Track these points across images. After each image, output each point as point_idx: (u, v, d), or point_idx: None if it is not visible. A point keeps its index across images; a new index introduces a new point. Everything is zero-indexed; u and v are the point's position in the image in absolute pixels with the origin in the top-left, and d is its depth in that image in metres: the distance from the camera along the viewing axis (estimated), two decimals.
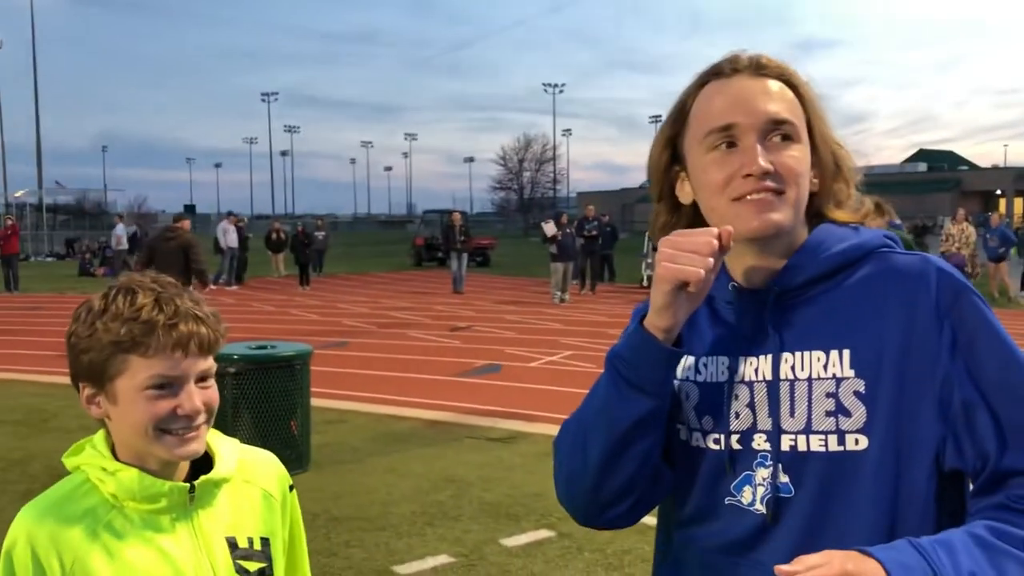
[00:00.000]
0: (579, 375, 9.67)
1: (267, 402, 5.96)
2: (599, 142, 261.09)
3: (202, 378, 1.32)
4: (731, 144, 1.21)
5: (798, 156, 1.20)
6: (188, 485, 1.34)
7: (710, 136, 1.22)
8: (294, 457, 5.93)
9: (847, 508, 1.15)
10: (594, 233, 19.25)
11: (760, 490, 1.20)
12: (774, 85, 1.23)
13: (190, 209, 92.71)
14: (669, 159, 1.30)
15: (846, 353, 1.17)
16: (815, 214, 1.27)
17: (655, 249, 1.19)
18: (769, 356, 1.21)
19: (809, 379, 1.18)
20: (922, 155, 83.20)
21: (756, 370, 1.22)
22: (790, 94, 1.23)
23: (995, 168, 74.95)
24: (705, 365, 1.27)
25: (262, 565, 1.40)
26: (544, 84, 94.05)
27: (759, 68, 1.24)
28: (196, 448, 1.32)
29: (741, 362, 1.24)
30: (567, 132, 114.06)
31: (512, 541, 4.87)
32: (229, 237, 22.24)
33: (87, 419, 1.38)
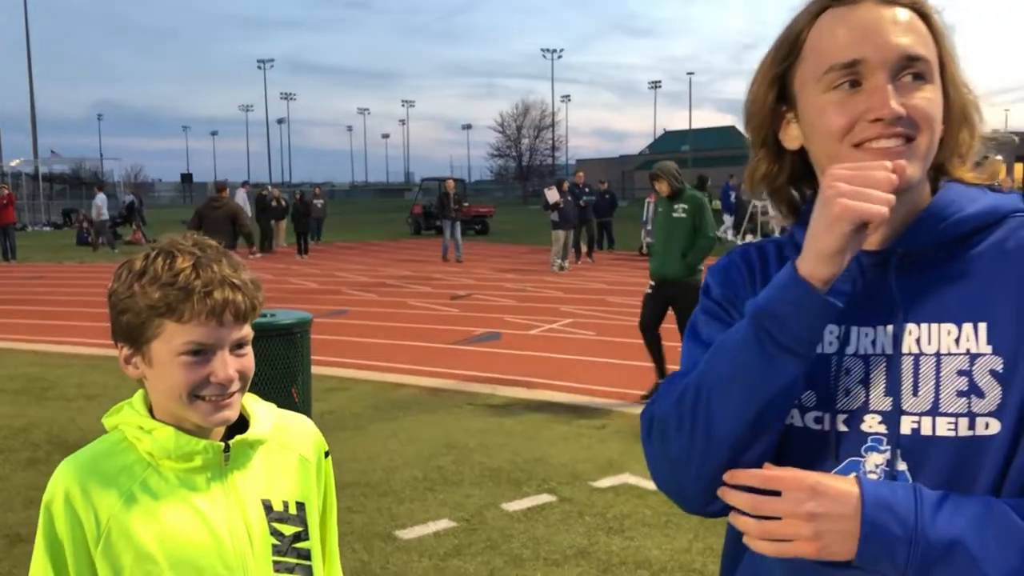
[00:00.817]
0: (579, 342, 9.69)
1: (268, 370, 5.95)
2: (598, 108, 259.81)
3: (238, 345, 1.32)
4: (855, 83, 1.06)
5: (932, 98, 1.06)
6: (223, 444, 1.34)
7: (831, 73, 1.06)
8: None
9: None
10: (583, 204, 19.05)
11: (872, 478, 1.05)
12: (904, 14, 1.07)
13: (187, 178, 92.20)
14: (775, 98, 1.15)
15: (982, 327, 1.04)
16: (936, 167, 1.12)
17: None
18: (890, 327, 1.07)
19: (938, 354, 1.04)
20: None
21: (873, 342, 1.08)
22: (923, 26, 1.07)
23: (995, 132, 74.60)
24: None
25: (298, 529, 1.40)
26: (543, 49, 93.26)
27: None
28: (229, 415, 1.32)
29: (854, 332, 1.09)
30: (566, 98, 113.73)
31: (513, 506, 4.91)
32: (247, 206, 22.46)
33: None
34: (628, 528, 4.57)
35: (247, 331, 1.33)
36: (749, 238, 20.25)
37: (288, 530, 1.39)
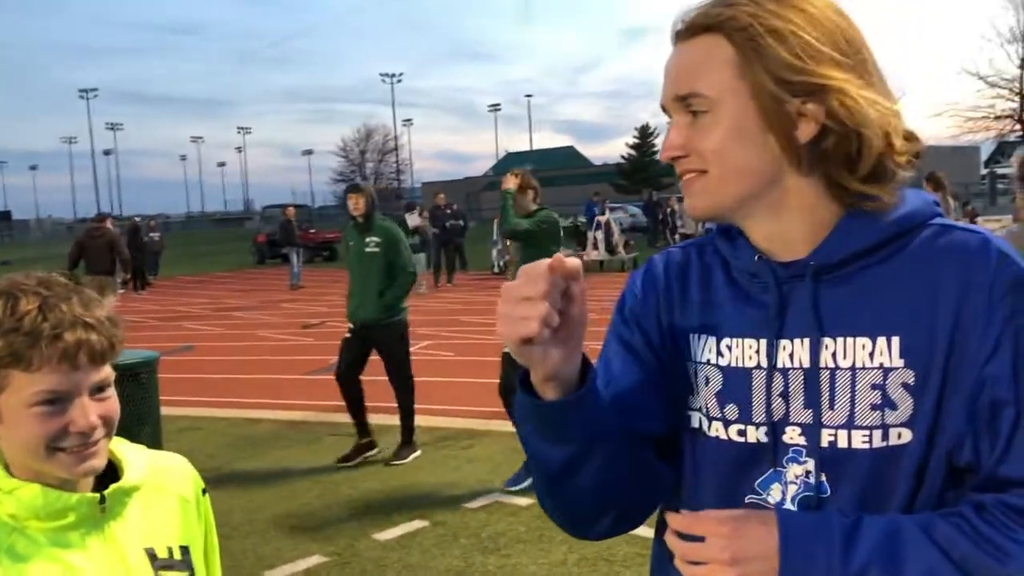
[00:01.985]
0: (438, 364, 9.63)
1: None
2: (441, 131, 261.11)
3: (98, 388, 1.20)
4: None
5: (709, 132, 1.06)
6: (98, 496, 1.22)
7: (664, 112, 1.13)
8: None
9: (885, 506, 1.04)
10: (456, 222, 18.98)
11: (792, 488, 1.07)
12: (698, 45, 1.07)
13: (5, 216, 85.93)
14: None
15: (895, 340, 1.03)
16: (828, 178, 1.06)
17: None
18: (807, 340, 1.06)
19: (853, 368, 1.04)
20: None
21: (791, 355, 1.07)
22: (720, 48, 1.05)
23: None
24: (728, 347, 1.12)
25: (184, 574, 1.31)
26: (382, 74, 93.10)
27: (688, 30, 1.09)
28: (96, 464, 1.21)
29: (774, 345, 1.08)
30: (408, 122, 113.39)
31: (385, 535, 4.80)
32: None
33: None
34: (504, 546, 4.56)
35: (107, 372, 1.21)
36: (595, 255, 20.83)
37: (176, 575, 1.30)
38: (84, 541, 1.22)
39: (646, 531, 1.27)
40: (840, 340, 1.06)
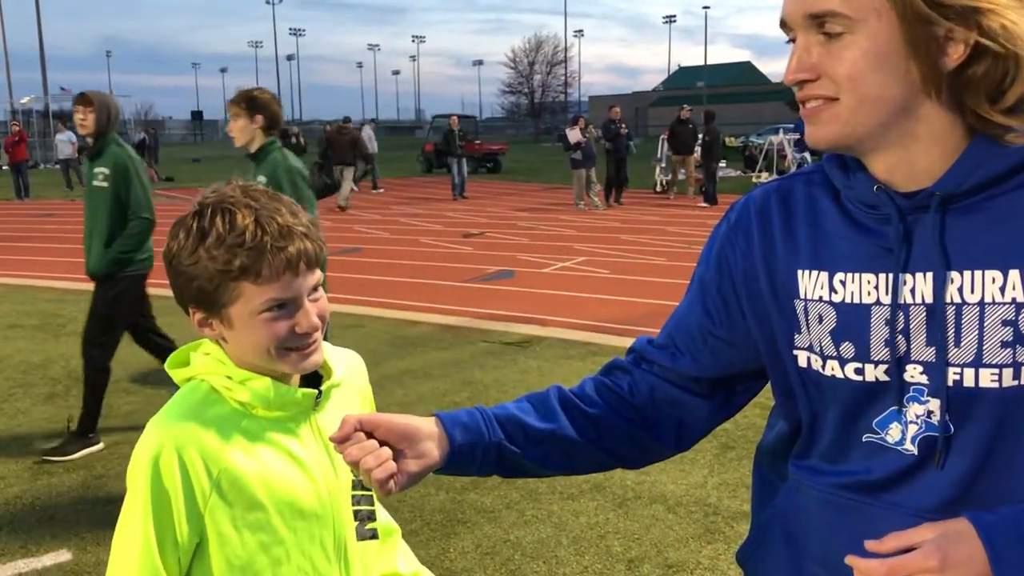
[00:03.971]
0: (592, 280, 9.66)
1: None
2: (611, 43, 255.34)
3: (314, 289, 1.30)
4: (795, 39, 1.05)
5: (849, 56, 0.99)
6: (316, 392, 1.34)
7: (783, 29, 1.07)
8: None
9: (1013, 452, 1.00)
10: (625, 131, 18.44)
11: (912, 428, 1.04)
12: None
13: (198, 115, 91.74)
14: None
15: None
16: (964, 104, 1.01)
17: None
18: (930, 275, 1.02)
19: (981, 303, 1.00)
20: None
21: (912, 290, 1.03)
22: None
23: None
24: (843, 283, 1.07)
25: None
26: None
27: None
28: (317, 359, 1.33)
29: (892, 280, 1.04)
30: (578, 33, 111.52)
31: None
32: (373, 144, 22.59)
33: None
34: (645, 470, 4.58)
35: (319, 275, 1.32)
36: (764, 176, 20.03)
37: None
38: (298, 431, 1.34)
39: None
40: (968, 274, 1.00)
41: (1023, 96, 0.98)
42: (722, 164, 19.55)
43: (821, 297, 1.09)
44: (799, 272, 1.11)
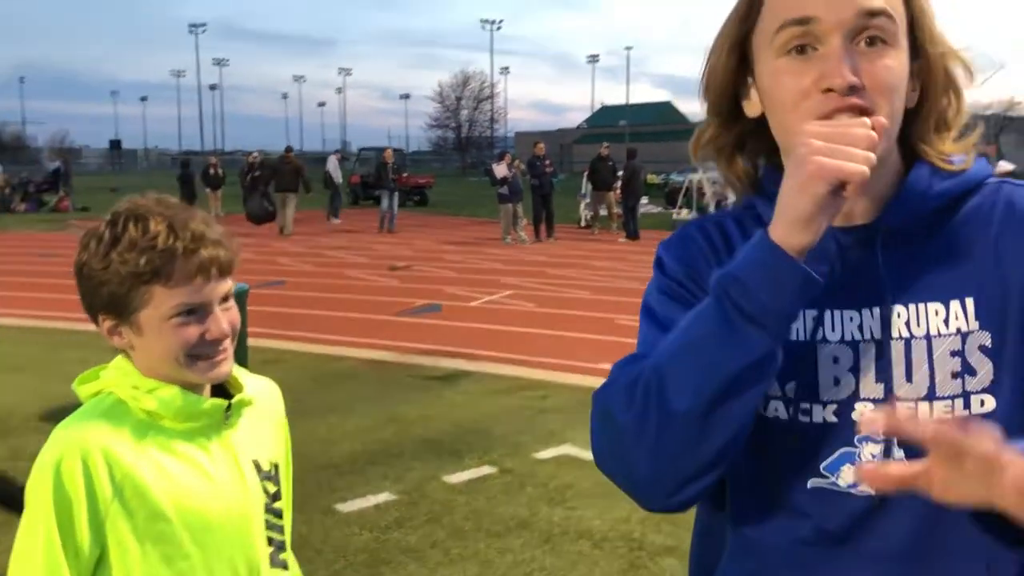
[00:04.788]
0: (519, 314, 9.70)
1: None
2: (537, 80, 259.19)
3: (225, 299, 1.32)
4: (808, 47, 0.96)
5: (893, 66, 0.95)
6: (226, 403, 1.34)
7: (783, 32, 0.97)
8: None
9: None
10: (550, 167, 18.58)
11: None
12: None
13: (116, 144, 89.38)
14: (736, 63, 1.04)
15: (969, 303, 0.98)
16: (908, 137, 1.03)
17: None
18: (876, 309, 0.99)
19: (927, 336, 0.98)
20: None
21: (860, 326, 1.00)
22: None
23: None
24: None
25: (276, 489, 1.43)
26: (482, 20, 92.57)
27: None
28: (226, 370, 1.34)
29: (837, 316, 1.01)
30: (505, 70, 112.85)
31: (454, 478, 4.90)
32: (338, 174, 22.62)
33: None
34: (569, 499, 4.60)
35: (230, 284, 1.33)
36: (685, 213, 20.48)
37: (271, 489, 1.42)
38: (207, 444, 1.34)
39: None
40: (912, 307, 0.99)
41: (957, 128, 1.02)
42: (644, 200, 19.91)
43: None
44: None
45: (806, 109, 0.95)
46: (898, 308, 1.00)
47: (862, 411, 0.99)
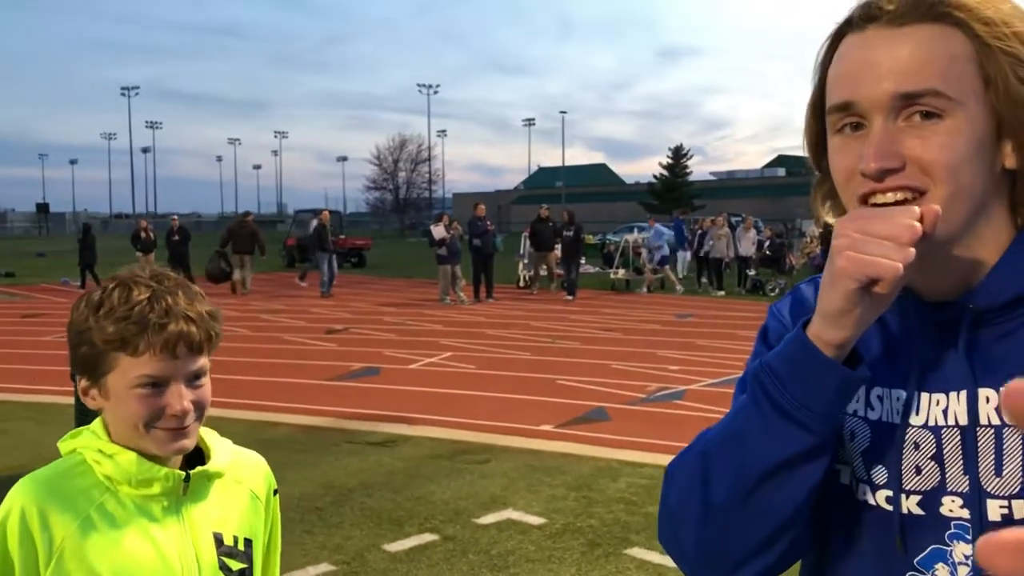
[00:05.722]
0: (460, 376, 9.63)
1: None
2: (474, 143, 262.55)
3: (194, 376, 1.33)
4: (859, 125, 0.91)
5: (947, 142, 0.86)
6: (184, 473, 1.34)
7: (832, 115, 0.93)
8: None
9: None
10: (492, 228, 18.59)
11: (963, 570, 0.90)
12: (923, 35, 0.88)
13: (43, 208, 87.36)
14: (820, 128, 0.99)
15: None
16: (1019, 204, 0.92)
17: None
18: (963, 393, 0.90)
19: None
20: (781, 160, 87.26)
21: (945, 411, 0.91)
22: (954, 41, 0.88)
23: None
24: (880, 398, 0.96)
25: (243, 566, 1.40)
26: (419, 84, 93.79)
27: (900, 17, 0.89)
28: (185, 444, 1.33)
29: (923, 398, 0.93)
30: (442, 133, 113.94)
31: (395, 546, 4.78)
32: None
33: None
34: (512, 564, 4.53)
35: (203, 362, 1.34)
36: (621, 272, 20.76)
37: (235, 565, 1.39)
38: (164, 515, 1.34)
39: (650, 554, 1.25)
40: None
41: None
42: (581, 261, 20.17)
43: (856, 412, 0.98)
44: None
45: (852, 189, 0.92)
46: (987, 392, 0.90)
47: (949, 506, 0.91)
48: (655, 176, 67.15)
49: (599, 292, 19.51)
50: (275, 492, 1.53)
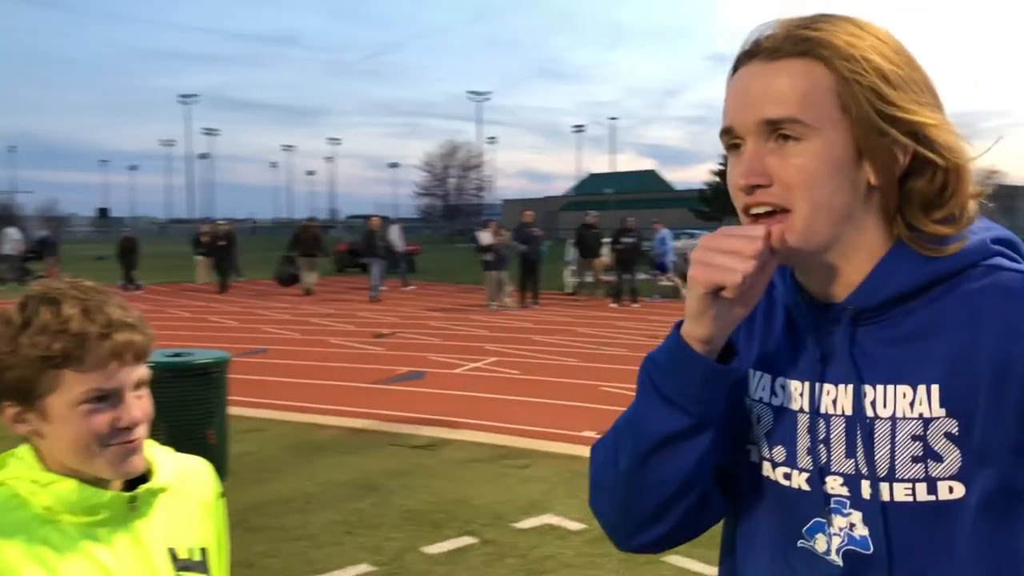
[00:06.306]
0: (503, 381, 9.67)
1: (183, 411, 5.79)
2: (523, 150, 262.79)
3: (138, 386, 1.27)
4: (740, 146, 1.04)
5: (802, 163, 0.99)
6: (129, 495, 1.28)
7: (721, 137, 1.07)
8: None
9: (944, 566, 0.98)
10: (540, 234, 18.68)
11: (836, 540, 1.03)
12: (792, 68, 1.00)
13: (104, 213, 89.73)
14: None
15: (935, 389, 0.99)
16: (900, 218, 1.03)
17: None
18: (849, 387, 1.03)
19: (893, 418, 1.00)
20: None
21: (835, 401, 1.04)
22: (817, 75, 1.00)
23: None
24: (782, 387, 1.09)
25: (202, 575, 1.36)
26: (469, 92, 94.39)
27: (774, 52, 1.01)
28: (137, 464, 1.27)
29: (818, 389, 1.06)
30: (492, 139, 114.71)
31: (434, 548, 4.83)
32: (402, 241, 23.10)
33: None
34: (550, 570, 4.54)
35: (145, 371, 1.28)
36: (667, 280, 20.58)
37: None
38: (112, 538, 1.27)
39: (689, 562, 1.27)
40: (880, 388, 1.02)
41: (956, 207, 1.01)
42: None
43: (762, 398, 1.12)
44: (751, 371, 1.14)
45: (737, 201, 1.05)
46: (867, 388, 1.02)
47: (832, 484, 1.04)
48: (706, 183, 66.61)
49: (643, 299, 19.40)
50: (221, 495, 1.47)
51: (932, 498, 0.99)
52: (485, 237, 17.68)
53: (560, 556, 4.70)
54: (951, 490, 0.98)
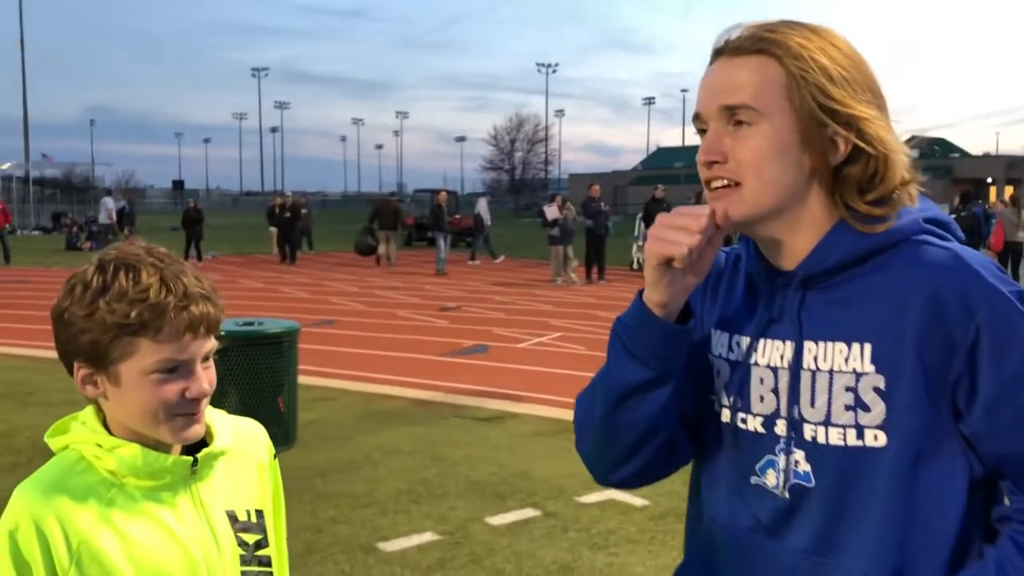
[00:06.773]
0: (568, 356, 9.67)
1: (254, 379, 5.94)
2: (591, 123, 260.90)
3: (206, 357, 1.28)
4: (706, 130, 1.21)
5: (751, 144, 1.16)
6: (191, 459, 1.31)
7: (694, 123, 1.24)
8: (281, 434, 5.91)
9: (864, 502, 1.16)
10: (606, 208, 18.50)
11: (782, 476, 1.22)
12: (749, 63, 1.17)
13: (179, 185, 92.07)
14: None
15: (867, 347, 1.15)
16: (839, 198, 1.19)
17: (647, 231, 1.23)
18: (792, 343, 1.21)
19: (831, 371, 1.17)
20: (914, 141, 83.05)
21: (781, 356, 1.22)
22: (770, 70, 1.16)
23: (986, 156, 75.07)
24: (738, 343, 1.27)
25: (259, 537, 1.39)
26: (537, 64, 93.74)
27: (736, 49, 1.19)
28: (199, 430, 1.30)
29: (768, 345, 1.23)
30: (559, 113, 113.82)
31: (497, 519, 4.88)
32: (487, 215, 23.99)
33: (71, 393, 1.34)
34: (612, 544, 4.55)
35: (214, 343, 1.30)
36: None
37: (251, 539, 1.37)
38: (174, 501, 1.30)
39: None
40: (821, 344, 1.18)
41: (886, 191, 1.17)
42: None
43: (721, 354, 1.29)
44: (712, 330, 1.32)
45: (702, 175, 1.21)
46: (809, 344, 1.19)
47: (780, 427, 1.22)
48: None
49: None
50: (275, 456, 1.50)
51: (860, 443, 1.15)
52: (551, 212, 17.63)
53: (622, 531, 4.71)
54: (876, 438, 1.15)
